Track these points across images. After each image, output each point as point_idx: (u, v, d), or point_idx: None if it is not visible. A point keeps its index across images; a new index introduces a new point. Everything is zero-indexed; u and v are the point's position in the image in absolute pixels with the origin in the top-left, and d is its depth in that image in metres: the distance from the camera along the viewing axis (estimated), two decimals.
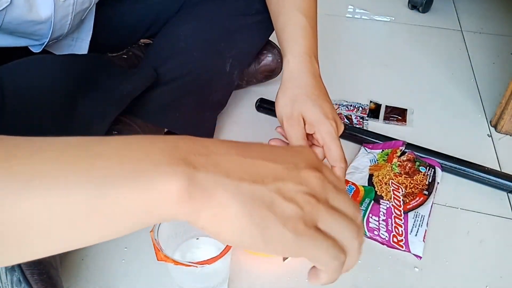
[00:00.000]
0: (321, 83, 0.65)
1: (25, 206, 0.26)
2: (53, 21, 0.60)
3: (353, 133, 0.84)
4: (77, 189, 0.27)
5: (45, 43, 0.64)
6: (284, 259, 0.57)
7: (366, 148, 0.82)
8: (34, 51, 0.65)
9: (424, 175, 0.76)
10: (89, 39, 0.73)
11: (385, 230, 0.67)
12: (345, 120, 0.90)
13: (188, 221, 0.30)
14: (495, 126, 0.91)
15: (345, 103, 0.95)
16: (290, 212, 0.32)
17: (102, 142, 0.30)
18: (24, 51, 0.65)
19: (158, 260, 0.48)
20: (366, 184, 0.74)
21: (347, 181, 0.74)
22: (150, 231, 0.50)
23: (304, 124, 0.62)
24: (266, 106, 0.91)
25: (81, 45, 0.73)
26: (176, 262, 0.48)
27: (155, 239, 0.50)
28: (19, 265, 0.50)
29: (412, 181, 0.74)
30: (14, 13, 0.56)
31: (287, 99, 0.64)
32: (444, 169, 0.78)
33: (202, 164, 0.30)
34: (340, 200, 0.34)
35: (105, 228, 0.29)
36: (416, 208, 0.70)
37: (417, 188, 0.73)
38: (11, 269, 0.50)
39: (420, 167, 0.77)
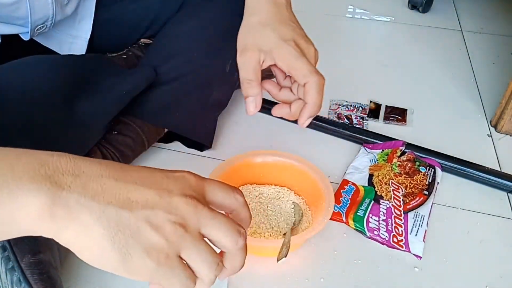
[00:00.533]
0: (285, 10, 0.58)
1: None
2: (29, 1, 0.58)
3: (353, 133, 0.84)
4: None
5: (31, 30, 0.63)
6: (279, 259, 0.57)
7: (366, 148, 0.82)
8: (24, 39, 0.64)
9: (424, 175, 0.76)
10: (88, 37, 0.73)
11: (385, 230, 0.67)
12: (345, 120, 0.90)
13: (51, 237, 0.30)
14: (495, 126, 0.91)
15: (345, 103, 0.95)
16: (155, 242, 0.31)
17: None
18: (19, 52, 0.65)
19: None
20: (366, 184, 0.74)
21: (347, 181, 0.75)
22: None
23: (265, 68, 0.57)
24: (266, 106, 0.90)
25: (81, 43, 0.73)
26: None
27: None
28: (19, 265, 0.50)
29: (412, 181, 0.74)
30: None
31: (242, 30, 0.59)
32: (444, 169, 0.78)
33: (69, 184, 0.30)
34: (213, 226, 0.33)
35: None
36: (416, 208, 0.70)
37: (417, 188, 0.73)
38: (11, 268, 0.50)
39: (420, 167, 0.77)
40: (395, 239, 0.66)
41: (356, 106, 0.94)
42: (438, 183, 0.76)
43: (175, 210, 0.32)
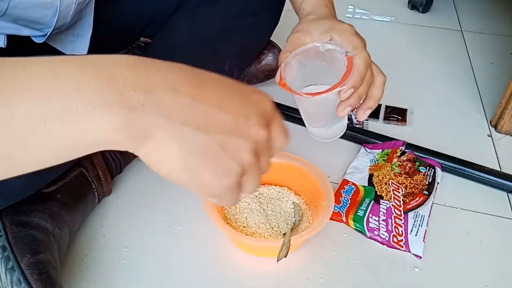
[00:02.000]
0: (336, 18, 0.67)
1: None
2: (59, 8, 0.60)
3: (353, 133, 0.84)
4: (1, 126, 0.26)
5: (48, 34, 0.64)
6: (279, 259, 0.57)
7: (366, 148, 0.82)
8: (37, 42, 0.65)
9: (424, 175, 0.76)
10: (90, 35, 0.73)
11: (385, 230, 0.67)
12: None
13: (126, 150, 0.30)
14: (495, 126, 0.91)
15: None
16: (229, 168, 0.32)
17: (25, 68, 0.27)
18: (25, 50, 0.65)
19: (279, 85, 0.61)
20: (366, 184, 0.74)
21: (347, 181, 0.75)
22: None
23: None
24: None
25: (83, 41, 0.73)
26: (290, 89, 0.59)
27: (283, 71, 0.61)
28: (19, 265, 0.50)
29: (412, 181, 0.74)
30: None
31: (299, 23, 0.66)
32: (444, 169, 0.78)
33: (142, 102, 0.28)
34: (265, 159, 0.35)
35: (35, 156, 0.28)
36: (416, 208, 0.70)
37: (417, 188, 0.73)
38: (11, 268, 0.50)
39: (420, 167, 0.77)
40: (395, 239, 0.66)
41: (356, 106, 0.94)
42: (438, 183, 0.76)
43: (251, 139, 0.32)
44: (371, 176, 0.76)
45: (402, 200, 0.71)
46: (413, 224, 0.67)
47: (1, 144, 0.26)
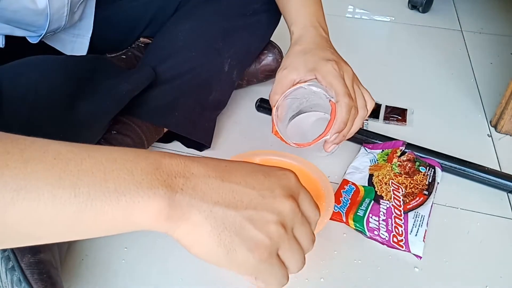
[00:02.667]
0: (325, 42, 0.65)
1: (14, 213, 0.28)
2: (49, 12, 0.61)
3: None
4: (62, 205, 0.29)
5: (42, 35, 0.64)
6: None
7: (366, 148, 0.82)
8: (32, 42, 0.65)
9: (424, 175, 0.76)
10: (90, 35, 0.73)
11: (385, 230, 0.67)
12: None
13: (163, 232, 0.33)
14: (495, 126, 0.91)
15: None
16: (258, 240, 0.34)
17: (90, 154, 0.31)
18: (24, 50, 0.65)
19: (272, 132, 0.66)
20: (366, 184, 0.74)
21: (347, 181, 0.75)
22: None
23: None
24: (266, 106, 0.91)
25: (83, 41, 0.73)
26: (281, 138, 0.65)
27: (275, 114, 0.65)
28: (19, 265, 0.50)
29: (412, 181, 0.74)
30: None
31: (286, 56, 0.66)
32: (444, 169, 0.78)
33: (181, 186, 0.33)
34: (302, 231, 0.37)
35: (85, 234, 0.31)
36: (416, 208, 0.70)
37: (417, 188, 0.73)
38: (11, 268, 0.50)
39: (420, 167, 0.77)
40: (395, 239, 0.66)
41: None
42: (438, 183, 0.76)
43: (277, 210, 0.35)
44: (371, 176, 0.76)
45: (402, 200, 0.71)
46: (413, 224, 0.67)
47: (57, 221, 0.30)
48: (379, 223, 0.67)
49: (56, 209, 0.29)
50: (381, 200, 0.71)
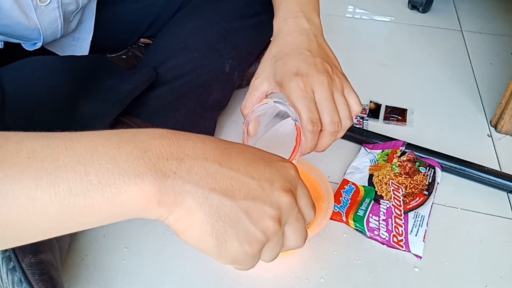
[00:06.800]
0: (305, 37, 0.57)
1: (7, 205, 0.27)
2: (41, 27, 0.60)
3: (353, 133, 0.85)
4: (43, 206, 0.28)
5: (38, 45, 0.64)
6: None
7: (366, 148, 0.82)
8: (28, 49, 0.65)
9: (424, 175, 0.76)
10: (90, 38, 0.73)
11: (385, 230, 0.67)
12: None
13: (155, 219, 0.31)
14: (495, 126, 0.91)
15: None
16: (252, 235, 0.32)
17: (68, 146, 0.29)
18: (24, 50, 0.65)
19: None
20: (366, 184, 0.74)
21: (347, 181, 0.75)
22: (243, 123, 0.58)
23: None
24: None
25: (83, 45, 0.73)
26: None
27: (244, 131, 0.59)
28: (20, 265, 0.50)
29: (412, 181, 0.74)
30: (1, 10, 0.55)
31: (261, 60, 0.58)
32: (444, 169, 0.79)
33: (174, 170, 0.30)
34: (296, 228, 0.36)
35: (77, 227, 0.30)
36: (416, 208, 0.70)
37: (417, 188, 0.73)
38: (12, 269, 0.50)
39: (420, 167, 0.77)
40: (395, 239, 0.66)
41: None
42: (438, 183, 0.76)
43: (275, 205, 0.33)
44: (371, 176, 0.76)
45: (402, 200, 0.71)
46: (413, 224, 0.68)
47: (42, 222, 0.28)
48: (379, 223, 0.67)
49: (37, 212, 0.27)
50: (381, 200, 0.71)
